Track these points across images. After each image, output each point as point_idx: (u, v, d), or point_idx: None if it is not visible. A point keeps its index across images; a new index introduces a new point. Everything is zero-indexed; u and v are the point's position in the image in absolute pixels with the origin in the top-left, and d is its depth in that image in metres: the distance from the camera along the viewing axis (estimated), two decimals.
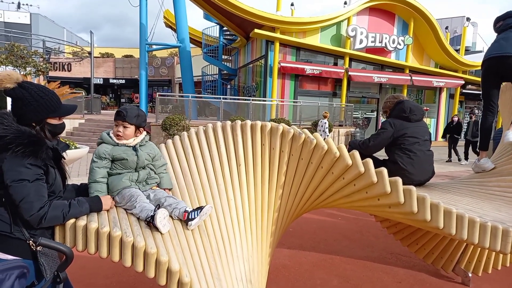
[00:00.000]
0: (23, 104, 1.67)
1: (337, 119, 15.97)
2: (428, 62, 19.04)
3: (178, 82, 30.36)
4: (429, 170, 3.29)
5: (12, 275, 1.34)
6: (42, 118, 1.72)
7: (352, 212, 5.53)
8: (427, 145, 3.30)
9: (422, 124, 3.35)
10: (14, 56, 16.39)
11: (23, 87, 1.69)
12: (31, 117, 1.70)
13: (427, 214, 1.97)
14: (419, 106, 3.42)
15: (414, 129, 3.24)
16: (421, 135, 3.25)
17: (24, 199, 1.58)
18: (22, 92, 1.67)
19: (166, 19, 21.71)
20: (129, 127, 2.05)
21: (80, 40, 41.55)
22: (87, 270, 3.34)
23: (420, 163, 3.19)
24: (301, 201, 2.47)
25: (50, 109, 1.73)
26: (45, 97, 1.72)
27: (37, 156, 1.63)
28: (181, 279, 1.67)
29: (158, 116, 13.24)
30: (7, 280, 1.32)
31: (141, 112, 2.13)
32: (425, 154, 3.25)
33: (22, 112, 1.68)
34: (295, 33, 15.92)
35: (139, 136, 2.11)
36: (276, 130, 2.35)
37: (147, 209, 1.90)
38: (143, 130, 2.14)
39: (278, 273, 3.50)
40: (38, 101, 1.70)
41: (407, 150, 3.19)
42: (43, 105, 1.71)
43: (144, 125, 2.13)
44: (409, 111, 3.27)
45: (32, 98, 1.68)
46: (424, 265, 3.81)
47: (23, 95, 1.67)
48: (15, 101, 1.68)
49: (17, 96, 1.67)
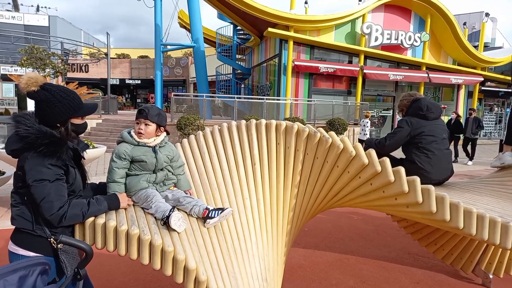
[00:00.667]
0: (47, 106, 1.70)
1: (352, 118, 15.81)
2: (446, 59, 18.65)
3: (192, 82, 30.58)
4: (447, 169, 3.22)
5: (35, 271, 1.38)
6: (66, 118, 1.76)
7: (368, 211, 5.47)
8: (445, 143, 3.24)
9: (440, 122, 3.28)
10: (33, 58, 16.78)
11: (45, 89, 1.72)
12: (55, 118, 1.73)
13: (447, 214, 1.93)
14: (436, 103, 3.35)
15: (431, 127, 3.18)
16: (438, 134, 3.19)
17: (45, 198, 1.62)
18: (46, 94, 1.70)
19: (180, 20, 21.91)
20: (150, 125, 2.06)
21: (97, 42, 42.32)
22: (105, 268, 3.40)
23: (438, 162, 3.13)
24: (316, 200, 2.46)
25: (73, 109, 1.77)
26: (67, 98, 1.75)
27: (58, 156, 1.66)
28: (198, 277, 1.69)
29: (173, 116, 13.37)
30: (31, 276, 1.35)
31: (162, 111, 2.15)
32: (443, 153, 3.19)
33: (46, 113, 1.71)
34: (309, 31, 15.82)
35: (159, 136, 2.12)
36: (291, 129, 2.34)
37: (163, 210, 1.92)
38: (163, 130, 2.15)
39: (293, 273, 3.49)
40: (61, 102, 1.73)
41: (425, 149, 3.13)
42: (66, 105, 1.74)
43: (164, 124, 2.14)
44: (426, 109, 3.20)
45: (55, 100, 1.71)
46: (443, 266, 3.74)
47: (46, 97, 1.70)
48: (38, 103, 1.71)
49: (41, 98, 1.70)
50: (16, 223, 1.71)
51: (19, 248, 1.70)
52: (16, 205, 1.71)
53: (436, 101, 3.47)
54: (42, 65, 16.53)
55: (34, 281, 1.36)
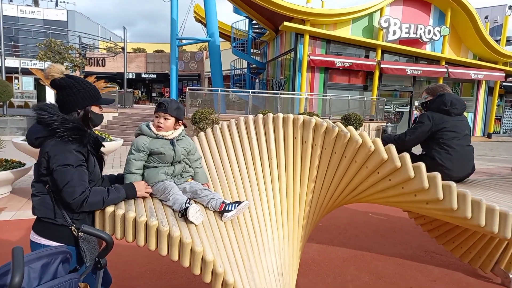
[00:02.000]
0: (72, 92, 1.78)
1: (368, 113, 15.60)
2: (466, 54, 18.19)
3: (207, 76, 30.70)
4: (468, 166, 3.15)
5: (57, 259, 1.41)
6: (88, 104, 1.83)
7: (384, 208, 5.40)
8: (467, 139, 3.16)
9: (463, 118, 3.20)
10: (52, 52, 17.10)
11: (70, 76, 1.81)
12: (78, 103, 1.80)
13: (468, 211, 1.89)
14: (461, 99, 3.25)
15: (454, 123, 3.11)
16: (461, 130, 3.12)
17: (68, 183, 1.66)
18: (70, 80, 1.79)
19: (196, 14, 21.96)
20: (169, 119, 2.09)
21: (114, 36, 42.82)
22: (122, 258, 3.46)
23: (459, 158, 3.06)
24: (333, 196, 2.43)
25: (95, 97, 1.86)
26: (90, 86, 1.85)
27: (82, 142, 1.73)
28: (215, 269, 1.70)
29: (188, 110, 13.45)
30: (52, 264, 1.39)
31: (181, 105, 2.18)
32: (464, 149, 3.11)
33: (71, 99, 1.79)
34: (325, 25, 15.64)
35: (177, 130, 2.15)
36: (309, 123, 2.32)
37: (180, 202, 1.93)
38: (181, 123, 2.18)
39: (308, 268, 3.48)
40: (85, 89, 1.82)
41: (446, 145, 3.06)
42: (89, 92, 1.83)
43: (182, 118, 2.18)
44: (450, 104, 3.13)
45: (80, 86, 1.80)
46: (461, 264, 3.68)
47: (72, 83, 1.79)
48: (63, 89, 1.78)
49: (66, 84, 1.78)
50: (37, 212, 1.75)
51: (41, 237, 1.75)
52: (37, 194, 1.75)
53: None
54: (61, 59, 16.83)
55: (56, 269, 1.39)
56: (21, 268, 1.07)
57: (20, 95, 29.67)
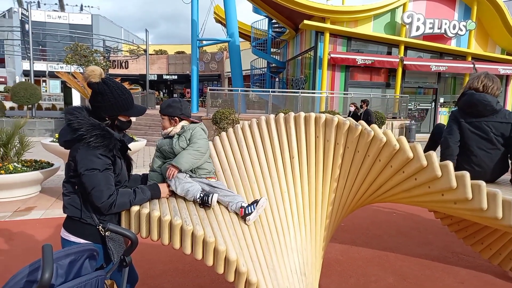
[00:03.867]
0: (103, 99, 1.82)
1: (390, 111, 15.29)
2: (494, 48, 17.52)
3: (227, 77, 30.87)
4: (488, 169, 2.88)
5: (83, 256, 1.45)
6: (116, 114, 1.88)
7: (407, 208, 5.29)
8: (490, 142, 2.87)
9: (491, 119, 2.88)
10: (78, 55, 17.62)
11: (106, 83, 1.83)
12: (106, 111, 1.85)
13: (499, 211, 1.82)
14: (486, 100, 2.87)
15: (478, 125, 2.88)
16: (483, 132, 2.87)
17: (95, 187, 1.71)
18: (104, 88, 1.82)
19: (216, 15, 22.10)
20: (164, 118, 2.18)
21: (136, 39, 43.71)
22: (146, 257, 3.53)
23: (478, 162, 2.87)
24: (356, 195, 2.40)
25: (124, 108, 1.89)
26: (122, 96, 1.86)
27: (107, 147, 1.76)
28: (238, 268, 1.71)
29: (208, 110, 13.57)
30: (79, 261, 1.43)
31: (174, 103, 2.17)
32: (485, 153, 2.87)
33: (100, 105, 1.84)
34: (346, 23, 15.42)
35: (176, 126, 2.17)
36: (331, 122, 2.30)
37: (192, 192, 2.01)
38: (178, 120, 2.17)
39: (330, 268, 3.45)
40: (116, 99, 1.84)
41: (465, 148, 2.89)
42: (120, 103, 1.86)
43: (176, 114, 2.14)
44: (472, 103, 2.91)
45: (111, 95, 1.83)
46: (489, 266, 3.55)
47: (104, 91, 1.82)
48: (96, 94, 1.83)
49: (99, 91, 1.81)
50: (67, 211, 1.82)
51: (70, 235, 1.81)
52: (67, 194, 1.82)
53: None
54: (86, 62, 17.32)
55: (81, 265, 1.43)
56: (51, 265, 1.10)
57: (47, 97, 30.73)
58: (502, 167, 2.91)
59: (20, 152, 5.80)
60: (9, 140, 5.63)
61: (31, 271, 1.23)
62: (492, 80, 2.99)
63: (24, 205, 5.23)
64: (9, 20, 36.82)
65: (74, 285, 1.30)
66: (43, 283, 1.08)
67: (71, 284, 1.29)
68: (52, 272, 1.10)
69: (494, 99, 2.89)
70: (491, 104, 2.84)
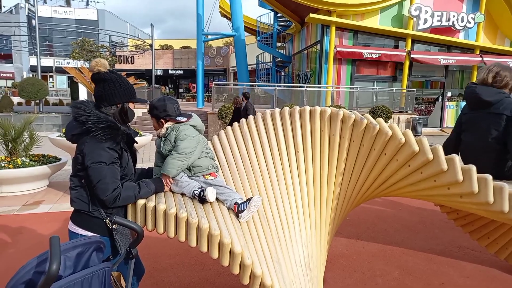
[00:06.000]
0: (114, 86, 1.86)
1: (397, 106, 15.18)
2: (503, 41, 17.27)
3: (232, 71, 30.82)
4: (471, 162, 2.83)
5: (90, 248, 1.47)
6: (126, 100, 1.91)
7: (413, 202, 5.27)
8: (480, 135, 2.82)
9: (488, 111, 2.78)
10: (84, 51, 17.70)
11: (113, 72, 1.90)
12: (119, 97, 1.88)
13: (505, 205, 1.81)
14: (474, 92, 2.84)
15: (470, 117, 2.94)
16: (471, 124, 2.90)
17: (101, 180, 1.73)
18: (112, 75, 1.87)
19: (221, 9, 22.05)
20: (152, 119, 2.15)
21: (142, 34, 43.76)
22: (152, 250, 3.57)
23: (467, 154, 2.90)
24: (361, 189, 2.40)
25: (133, 94, 1.94)
26: (128, 84, 1.93)
27: (115, 140, 1.79)
28: (243, 261, 1.72)
29: (214, 105, 13.58)
30: (86, 253, 1.45)
31: (159, 103, 2.09)
32: (473, 145, 2.88)
33: (113, 92, 1.86)
34: (352, 16, 15.29)
35: (163, 127, 2.12)
36: (336, 116, 2.29)
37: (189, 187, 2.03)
38: (164, 122, 2.11)
39: (335, 262, 3.46)
40: (125, 85, 1.90)
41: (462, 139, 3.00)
42: (129, 89, 1.91)
43: (162, 116, 2.08)
44: (465, 98, 3.01)
45: (121, 81, 1.89)
46: (496, 260, 3.53)
47: (115, 78, 1.87)
48: (107, 82, 1.86)
49: (110, 78, 1.86)
50: (74, 204, 1.84)
51: (78, 227, 1.84)
52: (74, 188, 1.84)
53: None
54: (92, 57, 17.39)
55: (89, 257, 1.46)
56: (58, 257, 1.12)
57: (54, 93, 30.98)
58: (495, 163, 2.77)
59: (28, 147, 5.87)
60: (18, 135, 5.70)
61: (39, 262, 1.25)
62: (506, 70, 2.84)
63: (33, 199, 5.30)
64: (16, 15, 37.04)
65: (81, 276, 1.32)
66: (51, 274, 1.10)
67: (78, 275, 1.32)
68: (59, 264, 1.12)
69: (489, 91, 2.80)
70: (479, 96, 2.80)
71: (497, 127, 2.72)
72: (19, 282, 1.20)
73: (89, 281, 1.35)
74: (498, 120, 2.71)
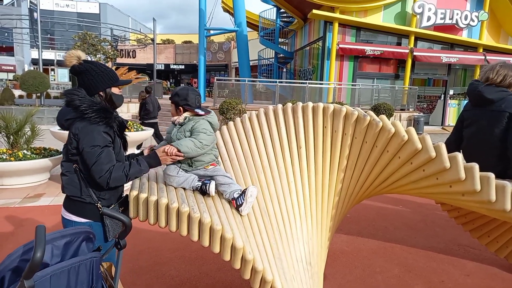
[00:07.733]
0: (92, 76, 1.85)
1: (398, 103, 15.14)
2: (506, 40, 17.17)
3: (234, 67, 30.74)
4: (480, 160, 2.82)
5: (79, 238, 1.46)
6: (108, 86, 1.90)
7: (414, 199, 5.27)
8: (482, 132, 2.82)
9: (490, 108, 2.79)
10: (86, 44, 17.66)
11: (88, 62, 1.88)
12: (100, 85, 1.87)
13: (507, 203, 1.81)
14: (475, 89, 2.88)
15: (472, 113, 2.95)
16: (477, 121, 2.88)
17: (96, 162, 1.75)
18: (90, 65, 1.87)
19: (224, 4, 21.93)
20: (172, 105, 2.18)
21: (144, 28, 43.61)
22: (153, 244, 3.57)
23: (468, 151, 2.89)
24: (363, 186, 2.40)
25: (114, 78, 1.92)
26: (107, 69, 1.92)
27: (108, 123, 1.80)
28: (245, 256, 1.72)
29: (215, 101, 13.56)
30: (75, 242, 1.44)
31: (181, 91, 2.15)
32: (474, 142, 2.89)
33: (92, 82, 1.86)
34: (355, 12, 15.22)
35: (181, 116, 2.15)
36: (339, 112, 2.28)
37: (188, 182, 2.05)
38: (182, 110, 2.15)
39: (336, 258, 3.46)
40: (104, 72, 1.89)
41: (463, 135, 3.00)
42: (108, 75, 1.90)
43: (182, 104, 2.13)
44: (467, 94, 3.02)
45: (98, 70, 1.87)
46: (496, 259, 3.54)
47: (90, 67, 1.86)
48: (83, 74, 1.85)
49: (86, 69, 1.85)
50: (66, 191, 1.85)
51: (71, 214, 1.85)
52: (66, 174, 1.85)
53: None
54: (94, 51, 17.35)
55: (78, 247, 1.45)
56: (43, 245, 1.13)
57: (56, 86, 30.95)
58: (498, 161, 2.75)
59: (30, 140, 5.88)
60: (20, 128, 5.70)
61: (25, 250, 1.25)
62: (510, 69, 2.85)
63: (34, 191, 5.31)
64: (18, 8, 36.93)
65: (68, 264, 1.31)
66: (35, 262, 1.11)
67: (65, 264, 1.31)
68: (43, 252, 1.12)
69: (491, 89, 2.81)
70: (482, 93, 2.82)
71: (499, 124, 2.73)
72: (6, 269, 1.21)
73: (76, 270, 1.34)
74: (500, 118, 2.72)
